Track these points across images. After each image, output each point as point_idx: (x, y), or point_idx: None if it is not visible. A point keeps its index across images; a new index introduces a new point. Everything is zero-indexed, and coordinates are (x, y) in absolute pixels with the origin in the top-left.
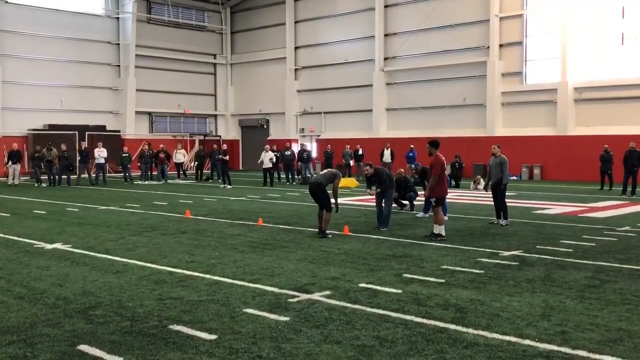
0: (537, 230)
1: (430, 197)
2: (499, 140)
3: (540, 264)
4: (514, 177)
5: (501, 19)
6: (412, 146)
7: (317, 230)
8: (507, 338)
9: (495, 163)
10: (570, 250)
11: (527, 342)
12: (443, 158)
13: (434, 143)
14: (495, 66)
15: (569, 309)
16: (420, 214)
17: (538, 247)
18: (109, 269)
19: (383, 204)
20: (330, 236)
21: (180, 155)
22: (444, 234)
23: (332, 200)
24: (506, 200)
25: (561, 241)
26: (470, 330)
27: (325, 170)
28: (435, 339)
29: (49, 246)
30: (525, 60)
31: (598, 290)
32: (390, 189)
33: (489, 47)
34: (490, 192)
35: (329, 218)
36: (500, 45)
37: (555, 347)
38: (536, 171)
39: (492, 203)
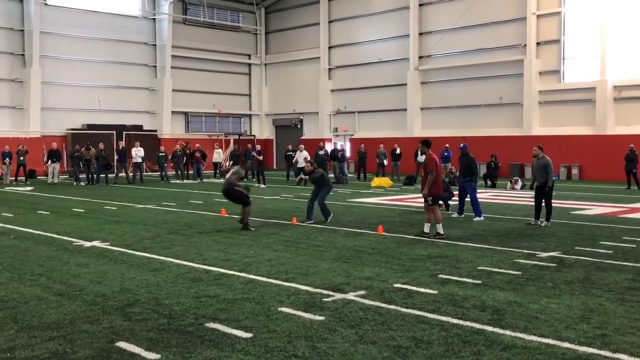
0: (575, 231)
1: (428, 196)
2: (536, 140)
3: (579, 265)
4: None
5: (538, 16)
6: (447, 145)
7: (352, 229)
8: (546, 340)
9: (539, 165)
10: (610, 251)
11: (566, 344)
12: (435, 156)
13: (426, 142)
14: (533, 64)
15: (609, 312)
16: (455, 215)
17: (577, 248)
18: (146, 266)
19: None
20: (253, 229)
21: (217, 155)
22: (442, 232)
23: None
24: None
25: (600, 242)
26: (508, 332)
27: (229, 173)
28: (472, 341)
29: (87, 244)
30: (563, 59)
31: (639, 293)
32: (325, 188)
33: (526, 45)
34: (533, 192)
35: (249, 211)
36: (538, 43)
37: (595, 350)
38: (574, 171)
39: (530, 203)
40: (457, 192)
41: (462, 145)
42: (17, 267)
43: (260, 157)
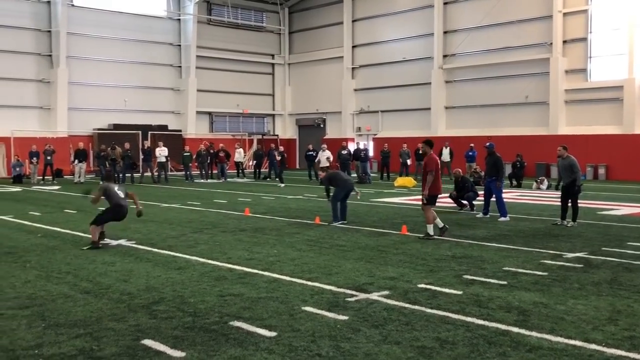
0: (602, 231)
1: (427, 195)
2: (562, 140)
3: (606, 266)
4: None
5: (565, 14)
6: (471, 145)
7: (375, 229)
8: (573, 342)
9: (564, 165)
10: (638, 252)
11: (593, 346)
12: (436, 158)
13: (428, 142)
14: (559, 63)
15: (637, 313)
16: (480, 215)
17: (604, 249)
18: (171, 265)
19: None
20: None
21: (238, 154)
22: (431, 232)
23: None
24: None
25: (628, 243)
26: (534, 334)
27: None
28: (497, 342)
29: (113, 242)
30: (590, 57)
31: None
32: (337, 189)
33: (551, 43)
34: (560, 192)
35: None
36: (564, 42)
37: (623, 353)
38: (601, 171)
39: (556, 204)
40: (482, 192)
41: (488, 144)
42: (44, 265)
43: (279, 158)
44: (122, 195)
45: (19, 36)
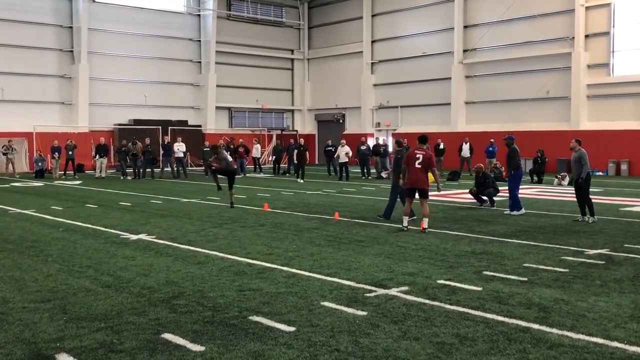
0: (625, 228)
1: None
2: (582, 135)
3: (628, 263)
4: (600, 173)
5: (587, 8)
6: (492, 140)
7: (394, 224)
8: (594, 339)
9: (574, 158)
10: None
11: (615, 344)
12: (415, 152)
13: (419, 138)
14: (581, 57)
15: None
16: (507, 211)
17: (626, 245)
18: (191, 259)
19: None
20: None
21: (255, 150)
22: (405, 224)
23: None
24: (591, 196)
25: None
26: (555, 331)
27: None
28: (517, 339)
29: (134, 237)
30: (613, 51)
31: None
32: (396, 183)
33: (573, 37)
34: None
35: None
36: (586, 36)
37: None
38: (623, 167)
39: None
40: (503, 188)
41: (505, 137)
42: (66, 259)
43: (296, 152)
44: (229, 158)
45: (40, 32)
